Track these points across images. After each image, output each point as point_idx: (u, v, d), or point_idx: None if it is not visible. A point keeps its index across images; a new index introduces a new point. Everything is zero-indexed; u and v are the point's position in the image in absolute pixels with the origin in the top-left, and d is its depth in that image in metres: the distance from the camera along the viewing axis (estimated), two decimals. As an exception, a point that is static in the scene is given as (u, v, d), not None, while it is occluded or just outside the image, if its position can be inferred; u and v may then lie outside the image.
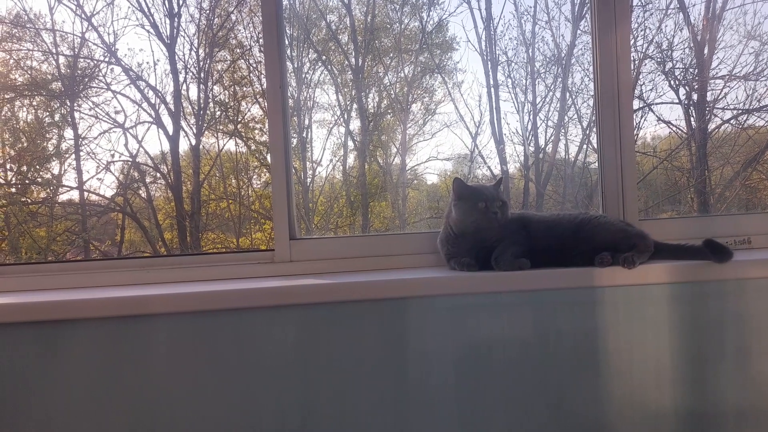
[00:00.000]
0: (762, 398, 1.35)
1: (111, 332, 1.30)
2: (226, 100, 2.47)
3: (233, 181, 2.60)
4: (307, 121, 2.35)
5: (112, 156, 2.32)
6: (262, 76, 2.01)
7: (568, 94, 2.29)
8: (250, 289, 1.32)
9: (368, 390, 1.33)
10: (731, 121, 2.20)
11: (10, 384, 1.29)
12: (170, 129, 2.36)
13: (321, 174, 2.50)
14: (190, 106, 2.40)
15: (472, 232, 1.40)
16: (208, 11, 2.41)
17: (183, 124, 2.39)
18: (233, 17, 2.43)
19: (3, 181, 2.37)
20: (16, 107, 2.34)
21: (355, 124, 2.40)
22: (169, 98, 2.36)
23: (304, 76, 2.39)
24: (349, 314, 1.33)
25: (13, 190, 2.37)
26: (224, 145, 2.51)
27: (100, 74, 2.34)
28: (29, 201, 2.38)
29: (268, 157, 1.65)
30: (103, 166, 2.31)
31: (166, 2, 2.35)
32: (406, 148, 2.42)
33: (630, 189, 1.59)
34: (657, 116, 2.21)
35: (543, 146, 2.35)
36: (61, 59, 2.35)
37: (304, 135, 2.35)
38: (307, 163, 2.42)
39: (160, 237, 2.51)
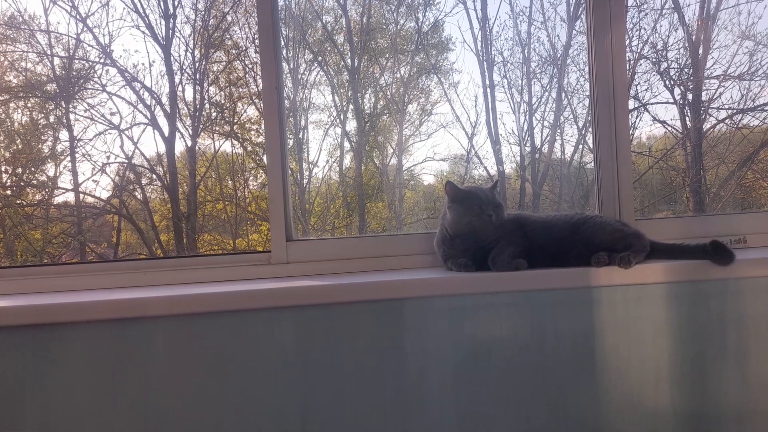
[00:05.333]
0: (759, 397, 1.36)
1: (108, 335, 1.30)
2: (222, 102, 2.47)
3: (229, 182, 2.59)
4: (303, 122, 2.35)
5: (108, 158, 2.32)
6: (258, 77, 2.00)
7: (563, 95, 2.30)
8: (247, 291, 1.32)
9: (366, 391, 1.33)
10: (726, 121, 2.21)
11: (6, 388, 1.28)
12: (166, 130, 2.35)
13: (317, 175, 2.50)
14: (185, 108, 2.39)
15: (467, 234, 1.40)
16: (203, 12, 2.40)
17: (179, 125, 2.38)
18: (229, 18, 2.42)
19: (-2, 184, 2.36)
20: (10, 109, 2.33)
21: (352, 125, 2.41)
22: (164, 99, 2.35)
23: (300, 76, 2.38)
24: (347, 315, 1.33)
25: (9, 192, 2.36)
26: (220, 146, 2.50)
27: (96, 76, 2.33)
28: (24, 203, 2.37)
29: (265, 159, 1.64)
30: (99, 167, 2.31)
31: (162, 3, 2.34)
32: (402, 149, 2.42)
33: (626, 189, 1.60)
34: (652, 116, 2.22)
35: (539, 146, 2.36)
36: (56, 61, 2.34)
37: (301, 136, 2.35)
38: (304, 164, 2.42)
39: (157, 239, 2.51)
